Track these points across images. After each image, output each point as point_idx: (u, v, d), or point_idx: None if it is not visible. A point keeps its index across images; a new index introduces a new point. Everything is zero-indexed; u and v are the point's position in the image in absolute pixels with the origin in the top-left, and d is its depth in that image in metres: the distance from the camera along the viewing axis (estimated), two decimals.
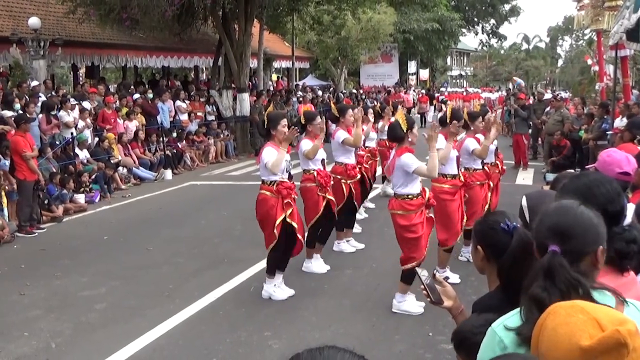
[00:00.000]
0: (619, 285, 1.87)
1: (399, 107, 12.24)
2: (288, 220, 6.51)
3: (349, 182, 8.20)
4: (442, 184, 6.97)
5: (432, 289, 2.67)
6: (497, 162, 8.48)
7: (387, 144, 11.13)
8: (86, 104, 14.89)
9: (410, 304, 6.23)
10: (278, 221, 6.42)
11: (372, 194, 11.48)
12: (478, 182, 7.65)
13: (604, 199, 2.22)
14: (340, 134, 8.15)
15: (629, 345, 1.34)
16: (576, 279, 1.72)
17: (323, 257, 7.85)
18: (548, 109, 16.88)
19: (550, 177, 11.40)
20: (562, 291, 1.70)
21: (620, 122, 11.21)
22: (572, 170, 10.71)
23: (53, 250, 9.21)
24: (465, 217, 7.08)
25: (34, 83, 14.58)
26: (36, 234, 10.26)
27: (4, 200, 10.39)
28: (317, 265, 7.71)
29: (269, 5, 21.66)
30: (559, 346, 1.42)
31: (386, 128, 10.99)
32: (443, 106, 31.62)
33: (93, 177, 13.31)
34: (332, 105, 8.99)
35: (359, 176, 8.44)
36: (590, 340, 1.37)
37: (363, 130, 9.28)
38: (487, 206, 7.71)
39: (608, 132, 11.96)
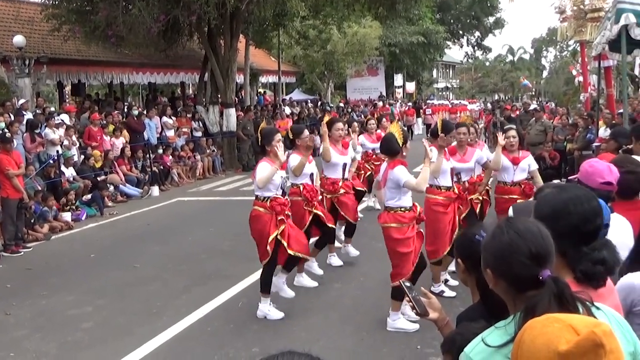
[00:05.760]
0: (594, 297, 1.85)
1: (383, 120, 12.17)
2: (279, 238, 6.40)
3: (328, 196, 8.19)
4: (436, 195, 6.95)
5: (418, 301, 2.67)
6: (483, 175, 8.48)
7: (365, 157, 11.07)
8: (65, 117, 14.97)
9: (404, 321, 6.16)
10: (271, 238, 6.32)
11: (361, 206, 11.45)
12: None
13: (577, 219, 2.15)
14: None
15: (605, 346, 1.37)
16: (579, 298, 1.72)
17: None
18: (533, 119, 16.95)
19: None
20: (570, 312, 1.66)
21: (604, 132, 11.27)
22: (558, 181, 10.78)
23: (39, 269, 9.14)
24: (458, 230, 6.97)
25: (21, 101, 14.53)
26: (22, 253, 10.18)
27: None
28: (307, 279, 7.67)
29: (255, 21, 21.74)
30: (539, 355, 1.43)
31: (355, 145, 10.79)
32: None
33: (89, 196, 13.28)
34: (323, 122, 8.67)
35: (342, 191, 8.32)
36: (567, 345, 1.39)
37: (348, 144, 9.09)
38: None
39: (593, 143, 12.02)
